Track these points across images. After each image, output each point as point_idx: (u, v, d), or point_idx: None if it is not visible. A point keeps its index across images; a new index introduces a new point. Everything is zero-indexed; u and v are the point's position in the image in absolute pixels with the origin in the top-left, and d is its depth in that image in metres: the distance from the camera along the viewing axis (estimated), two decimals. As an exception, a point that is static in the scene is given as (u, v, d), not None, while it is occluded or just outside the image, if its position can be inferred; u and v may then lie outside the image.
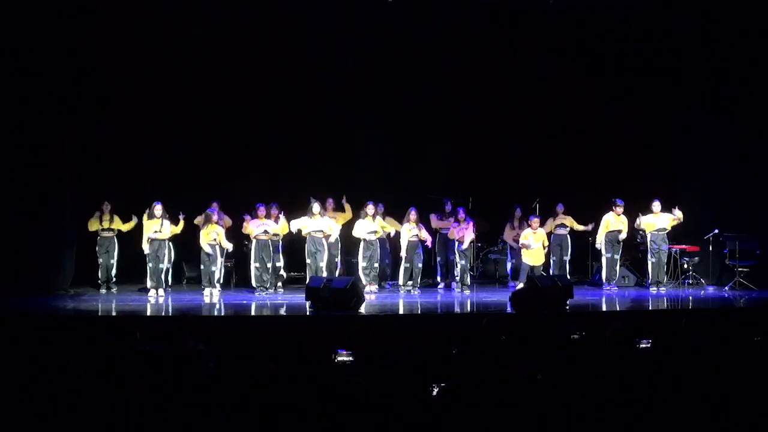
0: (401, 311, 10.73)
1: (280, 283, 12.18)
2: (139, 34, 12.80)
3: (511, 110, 14.01)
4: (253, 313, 10.48)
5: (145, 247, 11.62)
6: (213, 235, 11.56)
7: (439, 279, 12.94)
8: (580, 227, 12.87)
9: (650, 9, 13.33)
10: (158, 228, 11.58)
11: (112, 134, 13.28)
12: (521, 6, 13.65)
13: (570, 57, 13.76)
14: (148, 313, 10.24)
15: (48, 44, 11.83)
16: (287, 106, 13.55)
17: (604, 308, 11.00)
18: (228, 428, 3.81)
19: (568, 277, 12.28)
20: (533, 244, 12.21)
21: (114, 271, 12.13)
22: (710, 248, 12.55)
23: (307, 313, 10.01)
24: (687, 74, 13.49)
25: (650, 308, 11.01)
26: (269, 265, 11.81)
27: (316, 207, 11.87)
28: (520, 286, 11.61)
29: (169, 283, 12.04)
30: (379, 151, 13.71)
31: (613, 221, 12.45)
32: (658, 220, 12.32)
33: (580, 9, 13.52)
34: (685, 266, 12.75)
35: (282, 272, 12.23)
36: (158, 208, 11.62)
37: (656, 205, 12.33)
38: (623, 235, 12.43)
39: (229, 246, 11.71)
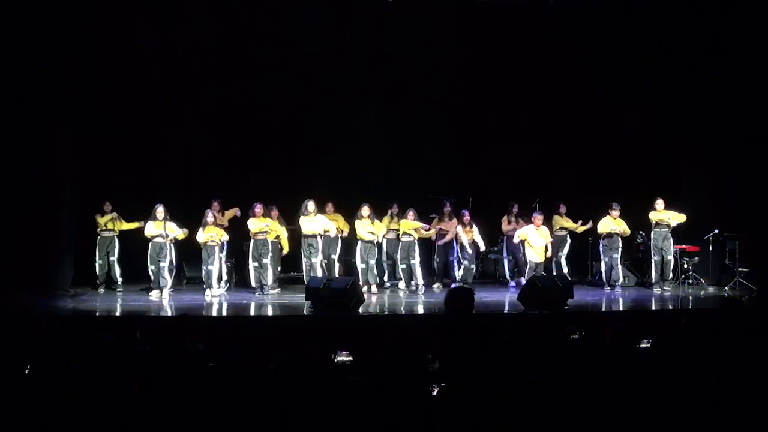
0: (401, 311, 10.73)
1: (276, 284, 12.14)
2: (140, 33, 12.77)
3: (511, 110, 13.99)
4: (253, 313, 10.48)
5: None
6: (212, 236, 11.59)
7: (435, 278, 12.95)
8: (581, 228, 12.91)
9: (651, 9, 13.32)
10: (161, 231, 11.56)
11: (111, 134, 13.25)
12: (521, 6, 13.64)
13: (570, 57, 13.75)
14: (149, 314, 10.24)
15: (48, 42, 11.81)
16: (288, 106, 13.55)
17: (604, 308, 11.00)
18: (228, 428, 3.81)
19: (566, 271, 12.59)
20: (536, 240, 12.18)
21: (118, 271, 12.19)
22: (710, 248, 12.56)
23: (307, 313, 10.01)
24: (688, 74, 13.48)
25: (650, 308, 11.02)
26: (266, 265, 11.80)
27: (311, 206, 11.84)
28: (523, 282, 11.63)
29: (170, 284, 12.02)
30: (379, 151, 13.69)
31: (611, 224, 12.44)
32: (663, 217, 12.33)
33: (580, 9, 13.52)
34: (685, 266, 12.75)
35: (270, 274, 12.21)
36: (160, 210, 11.59)
37: (659, 203, 12.34)
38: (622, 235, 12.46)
39: (225, 236, 11.73)
